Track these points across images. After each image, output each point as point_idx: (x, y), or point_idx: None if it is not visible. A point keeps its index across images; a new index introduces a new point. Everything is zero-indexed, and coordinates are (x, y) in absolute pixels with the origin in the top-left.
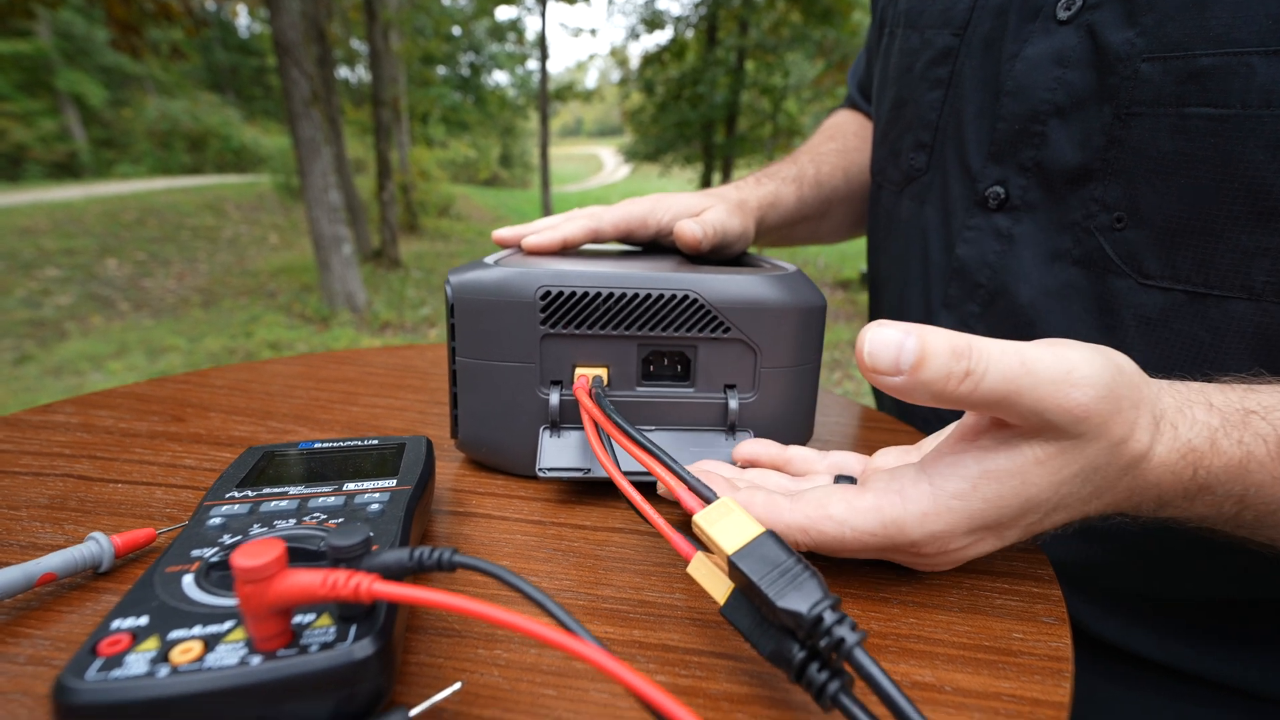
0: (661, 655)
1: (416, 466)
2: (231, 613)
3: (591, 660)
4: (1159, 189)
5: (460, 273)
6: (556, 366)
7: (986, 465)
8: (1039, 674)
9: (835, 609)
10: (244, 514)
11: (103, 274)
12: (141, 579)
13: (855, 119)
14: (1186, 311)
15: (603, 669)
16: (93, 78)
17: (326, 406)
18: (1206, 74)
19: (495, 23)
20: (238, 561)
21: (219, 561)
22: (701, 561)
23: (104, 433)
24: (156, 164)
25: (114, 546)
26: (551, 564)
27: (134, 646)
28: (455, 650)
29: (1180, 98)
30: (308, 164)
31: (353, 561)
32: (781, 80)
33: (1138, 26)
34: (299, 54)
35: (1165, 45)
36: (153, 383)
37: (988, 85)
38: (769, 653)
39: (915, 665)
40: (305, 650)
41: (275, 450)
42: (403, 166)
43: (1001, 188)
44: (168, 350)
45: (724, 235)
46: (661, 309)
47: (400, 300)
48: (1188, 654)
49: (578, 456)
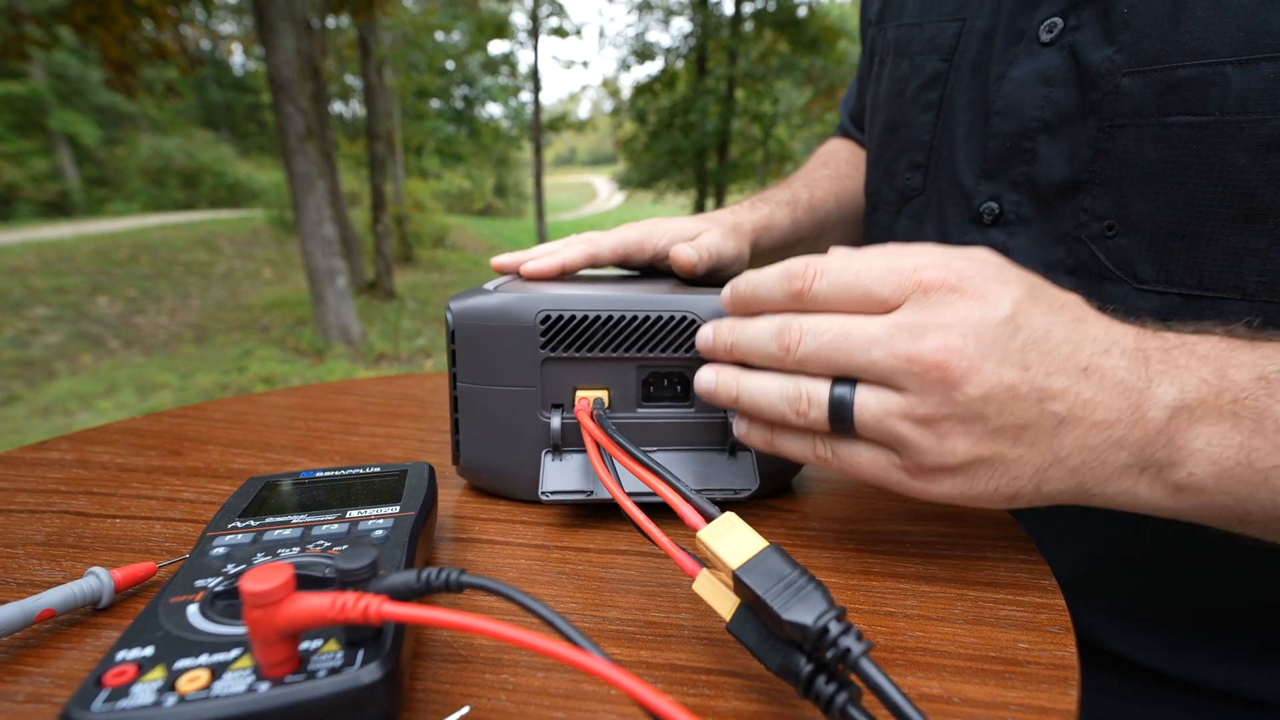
0: (669, 675)
1: (419, 492)
2: (238, 641)
3: (603, 675)
4: (1146, 196)
5: (461, 299)
6: (557, 390)
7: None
8: (1045, 683)
9: (841, 620)
10: (247, 543)
11: (93, 312)
12: (145, 610)
13: (847, 147)
14: (1184, 314)
15: (614, 683)
16: (86, 117)
17: (325, 437)
18: (1184, 84)
19: (488, 57)
20: (247, 586)
21: (224, 590)
22: (707, 578)
23: (100, 468)
24: (149, 201)
25: (114, 581)
26: (556, 587)
27: (140, 677)
28: (462, 675)
29: (1161, 108)
30: (302, 198)
31: (360, 584)
32: (771, 107)
33: (1116, 44)
34: (293, 90)
35: (1143, 60)
36: (149, 417)
37: (977, 106)
38: (776, 667)
39: (922, 677)
40: (313, 676)
41: (277, 480)
42: (397, 198)
43: (995, 203)
44: (159, 387)
45: (719, 259)
46: (660, 330)
47: (395, 332)
48: (1195, 664)
49: (580, 479)
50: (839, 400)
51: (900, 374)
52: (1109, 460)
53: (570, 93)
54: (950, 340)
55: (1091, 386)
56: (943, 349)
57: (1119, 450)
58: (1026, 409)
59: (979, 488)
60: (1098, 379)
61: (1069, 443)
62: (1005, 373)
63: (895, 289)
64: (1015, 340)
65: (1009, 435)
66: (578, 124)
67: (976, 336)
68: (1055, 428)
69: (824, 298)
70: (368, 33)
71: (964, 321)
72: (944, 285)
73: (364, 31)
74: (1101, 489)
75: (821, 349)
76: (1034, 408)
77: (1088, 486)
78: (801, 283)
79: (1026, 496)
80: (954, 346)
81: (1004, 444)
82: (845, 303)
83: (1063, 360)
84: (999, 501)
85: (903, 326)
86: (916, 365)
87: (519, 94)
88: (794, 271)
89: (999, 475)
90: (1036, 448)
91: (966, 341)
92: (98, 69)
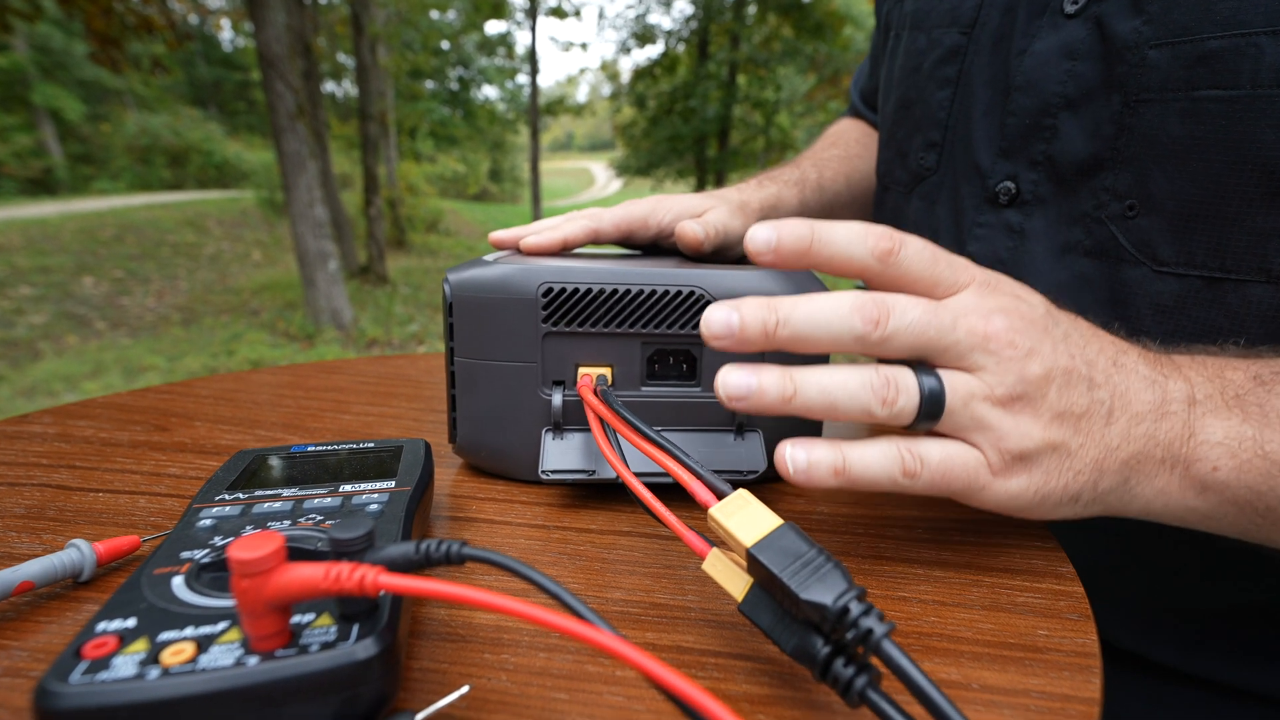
0: (676, 658)
1: (415, 468)
2: (225, 614)
3: (612, 649)
4: (1170, 174)
5: (459, 271)
6: (559, 366)
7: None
8: (1067, 670)
9: (861, 599)
10: (235, 515)
11: (79, 292)
12: (128, 582)
13: (858, 126)
14: (1203, 297)
15: (624, 658)
16: (70, 92)
17: (316, 415)
18: (1215, 57)
19: (484, 37)
20: (235, 554)
21: (210, 562)
22: (717, 557)
23: (83, 442)
24: (136, 180)
25: (96, 554)
26: (558, 568)
27: (122, 649)
28: (461, 655)
29: (1189, 82)
30: (292, 178)
31: (356, 555)
32: (774, 94)
33: (1144, 15)
34: (284, 68)
35: (1172, 31)
36: (134, 393)
37: (996, 82)
38: (792, 649)
39: (940, 663)
40: (305, 650)
41: (267, 453)
42: (390, 181)
43: (1012, 183)
44: (146, 370)
45: (726, 236)
46: (667, 306)
47: (387, 317)
48: (1207, 660)
49: (582, 458)
50: (928, 384)
51: (979, 351)
52: (1149, 454)
53: (568, 76)
54: (1014, 322)
55: (1124, 378)
56: (1010, 329)
57: (1154, 444)
58: (1079, 395)
59: (1051, 482)
60: (1127, 372)
61: (1117, 433)
62: (1059, 355)
63: (963, 275)
64: (1058, 330)
65: (1070, 422)
66: (575, 108)
67: (1029, 321)
68: (1105, 417)
69: (907, 266)
70: (360, 9)
71: (1016, 309)
72: (988, 283)
73: (357, 8)
74: (1142, 488)
75: (913, 324)
76: (1085, 394)
77: (1132, 485)
78: (891, 243)
79: (1086, 497)
80: (1018, 327)
81: (1067, 430)
82: (922, 279)
83: (1096, 353)
84: (1065, 503)
85: (971, 308)
86: (993, 342)
87: (515, 76)
88: (881, 231)
89: (1066, 467)
90: (1092, 437)
91: (1026, 323)
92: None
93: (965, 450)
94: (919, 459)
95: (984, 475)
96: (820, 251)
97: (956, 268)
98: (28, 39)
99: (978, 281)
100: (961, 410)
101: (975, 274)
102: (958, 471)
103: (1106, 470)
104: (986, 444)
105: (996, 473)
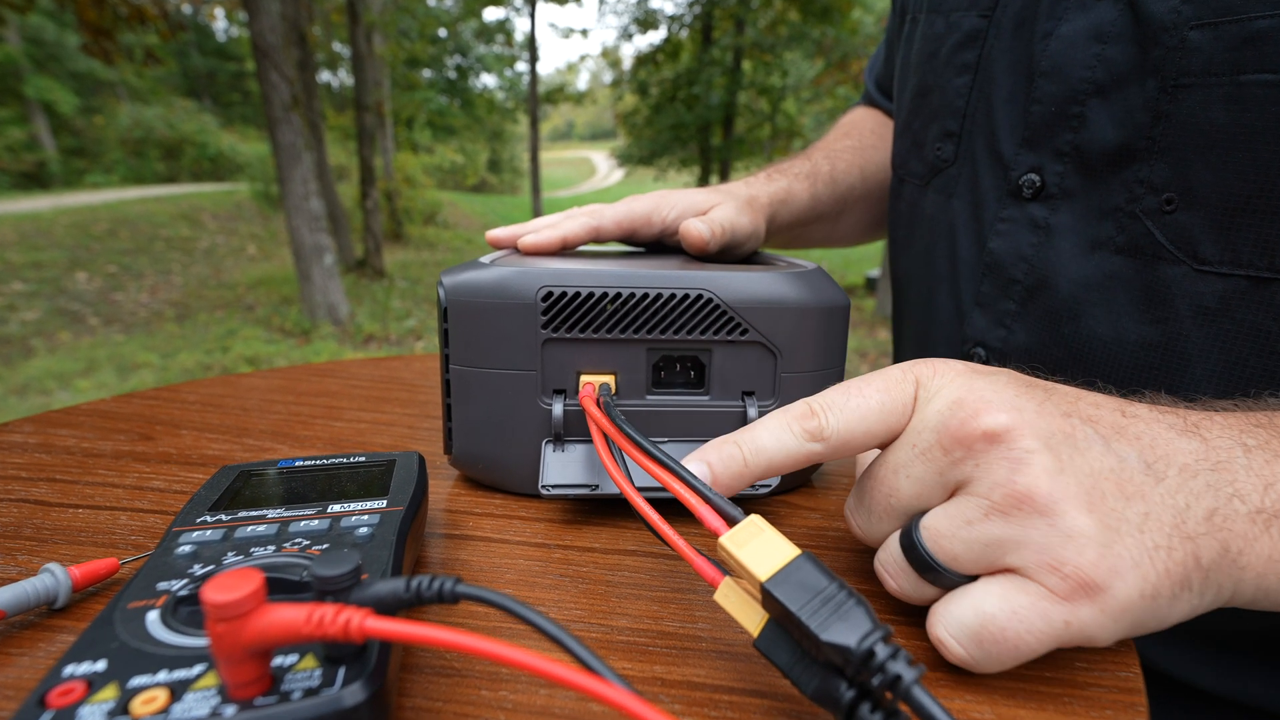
0: (687, 694)
1: (408, 485)
2: (202, 655)
3: (619, 705)
4: (1214, 165)
5: (454, 273)
6: (559, 374)
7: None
8: (1110, 708)
9: (888, 641)
10: (217, 540)
11: (72, 288)
12: (99, 617)
13: (872, 116)
14: (1251, 299)
15: (633, 714)
16: (63, 84)
17: (307, 422)
18: (1263, 37)
19: (483, 24)
20: (209, 596)
21: (188, 595)
22: (731, 587)
23: (64, 453)
24: (129, 173)
25: (71, 579)
26: (559, 591)
27: (89, 696)
28: (456, 692)
29: (1235, 65)
30: (287, 170)
31: (341, 594)
32: (780, 80)
33: None
34: (278, 57)
35: (1215, 10)
36: (119, 399)
37: (1019, 67)
38: (813, 691)
39: (970, 701)
40: (287, 697)
41: (252, 469)
42: (387, 173)
43: (1037, 175)
44: (139, 367)
45: (733, 234)
46: (673, 310)
47: (385, 312)
48: (1245, 684)
49: (584, 472)
50: (906, 539)
51: (954, 464)
52: (1232, 512)
53: (568, 63)
54: (979, 405)
55: (1144, 428)
56: (976, 414)
57: (1227, 499)
58: (1097, 455)
59: (1148, 571)
60: (1145, 422)
61: (1173, 488)
62: (1048, 420)
63: (907, 388)
64: (1035, 393)
65: (1107, 489)
66: (576, 96)
67: (999, 396)
68: (1145, 470)
69: (846, 425)
70: None
71: (976, 389)
72: (939, 373)
73: None
74: (1247, 556)
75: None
76: (1103, 452)
77: (1233, 554)
78: (808, 411)
79: (1196, 579)
80: (985, 408)
81: (1110, 500)
82: (874, 430)
83: (1092, 408)
84: (1180, 594)
85: (931, 420)
86: (946, 439)
87: (514, 64)
88: (796, 410)
89: (1148, 544)
90: (1148, 500)
91: (996, 401)
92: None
93: (1013, 587)
94: (979, 619)
95: (1058, 608)
96: (757, 460)
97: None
98: (20, 31)
99: (922, 381)
100: (965, 545)
101: (919, 372)
102: (1023, 620)
103: (1195, 536)
104: (1033, 566)
105: (1070, 596)
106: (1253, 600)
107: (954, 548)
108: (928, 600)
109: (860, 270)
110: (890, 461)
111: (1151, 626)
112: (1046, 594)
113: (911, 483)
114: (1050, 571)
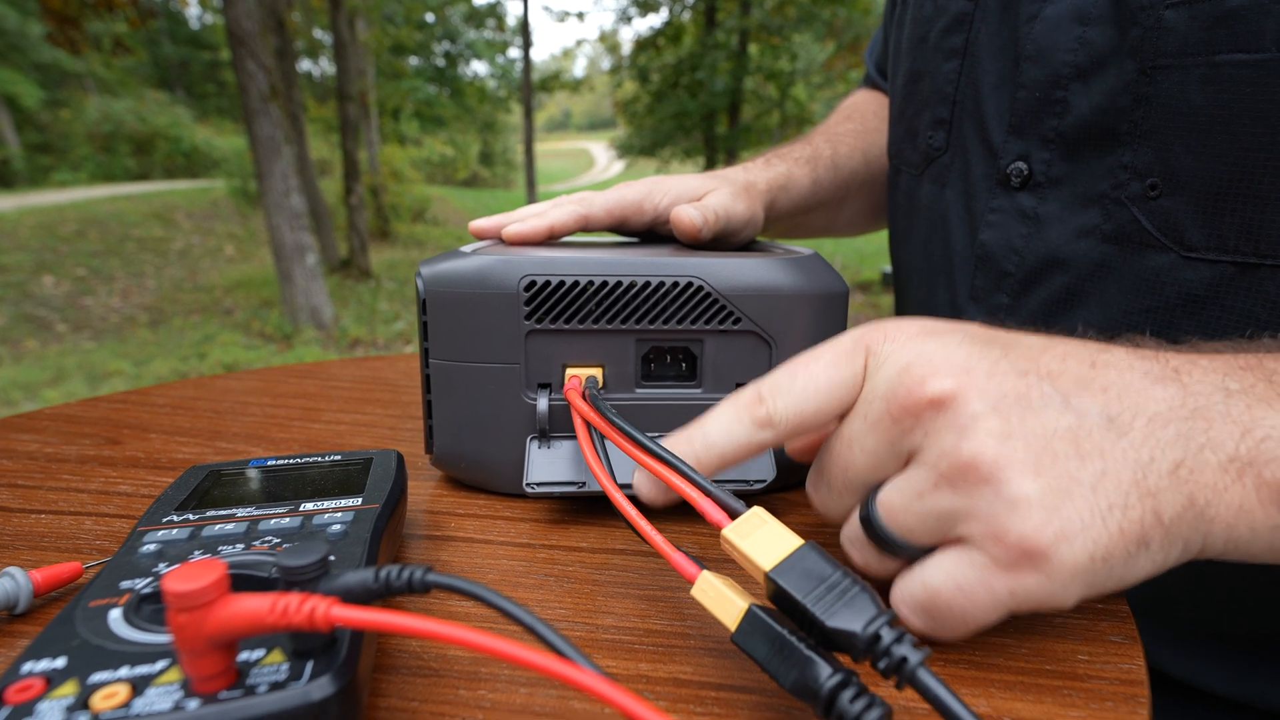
0: (673, 691)
1: (385, 483)
2: (165, 651)
3: (594, 690)
4: (1195, 149)
5: (433, 264)
6: (544, 367)
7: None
8: (1111, 700)
9: (893, 625)
10: (183, 539)
11: (38, 292)
12: (59, 616)
13: (874, 98)
14: (1238, 286)
15: (607, 700)
16: (27, 77)
17: (284, 424)
18: (1236, 16)
19: (472, 7)
20: (170, 586)
21: (152, 593)
22: (708, 583)
23: (27, 458)
24: (98, 170)
25: (33, 583)
26: (543, 590)
27: (48, 692)
28: (432, 692)
29: (1209, 45)
30: (266, 165)
31: (308, 584)
32: (788, 64)
33: None
34: (255, 45)
35: None
36: (85, 403)
37: (1006, 52)
38: (790, 684)
39: (968, 693)
40: (252, 691)
41: (222, 469)
42: (372, 167)
43: (1024, 163)
44: (111, 375)
45: (728, 221)
46: (663, 299)
47: (371, 314)
48: (1253, 686)
49: (570, 469)
50: (864, 513)
51: (904, 433)
52: (1202, 462)
53: (564, 49)
54: (926, 371)
55: (1115, 377)
56: (923, 382)
57: (1200, 448)
58: (1051, 416)
59: (1099, 534)
60: (1116, 370)
61: (1137, 442)
62: (1000, 381)
63: (856, 361)
64: (990, 353)
65: (1061, 449)
66: (572, 84)
67: (948, 362)
68: (1106, 426)
69: (796, 407)
70: None
71: (926, 355)
72: (888, 336)
73: None
74: (1216, 509)
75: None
76: (1059, 411)
77: (1200, 506)
78: (756, 397)
79: (1156, 536)
80: (934, 372)
81: (1064, 462)
82: (823, 407)
83: (1057, 360)
84: (1136, 553)
85: (880, 388)
86: (894, 408)
87: (507, 50)
88: (744, 398)
89: (1100, 506)
90: (1107, 457)
91: (946, 367)
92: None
93: (958, 558)
94: (926, 592)
95: (1000, 579)
96: (709, 455)
97: (839, 361)
98: None
99: (873, 348)
100: (917, 514)
101: (870, 340)
102: (967, 593)
103: (1157, 491)
104: (978, 536)
105: (1013, 565)
106: (1223, 553)
107: (908, 521)
108: (892, 574)
109: (875, 265)
110: (844, 435)
111: (1111, 587)
112: (989, 564)
113: (865, 455)
114: (994, 541)
